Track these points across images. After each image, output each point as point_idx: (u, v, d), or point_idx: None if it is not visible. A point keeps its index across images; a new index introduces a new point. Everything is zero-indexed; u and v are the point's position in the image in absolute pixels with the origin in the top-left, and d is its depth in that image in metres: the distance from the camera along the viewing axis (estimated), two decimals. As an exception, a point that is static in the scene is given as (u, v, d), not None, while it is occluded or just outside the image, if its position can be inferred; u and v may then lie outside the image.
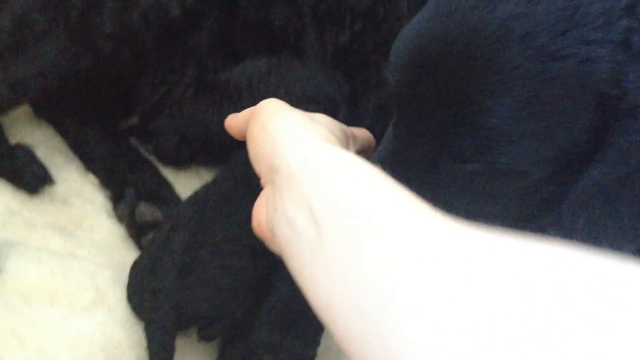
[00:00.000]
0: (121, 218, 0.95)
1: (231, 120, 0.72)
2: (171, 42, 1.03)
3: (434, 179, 0.67)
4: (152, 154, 1.08)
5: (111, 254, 0.91)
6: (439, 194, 0.66)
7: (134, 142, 1.10)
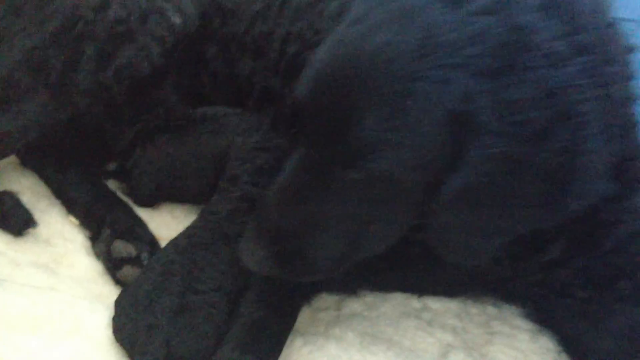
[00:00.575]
0: (98, 255, 1.05)
1: None
2: (141, 95, 1.15)
3: (327, 184, 0.79)
4: (128, 196, 1.18)
5: (89, 287, 1.00)
6: (332, 199, 0.80)
7: (113, 186, 1.21)
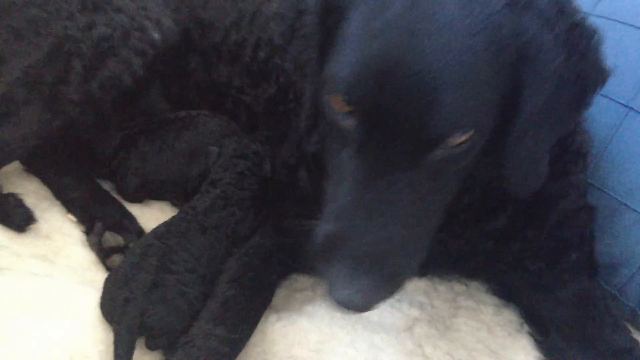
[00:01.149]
0: (91, 245, 1.18)
1: None
2: (127, 103, 1.28)
3: (410, 177, 0.79)
4: (118, 194, 1.32)
5: (83, 274, 1.12)
6: (424, 183, 0.80)
7: (107, 186, 1.34)
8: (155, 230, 1.11)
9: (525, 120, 0.83)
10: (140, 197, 1.31)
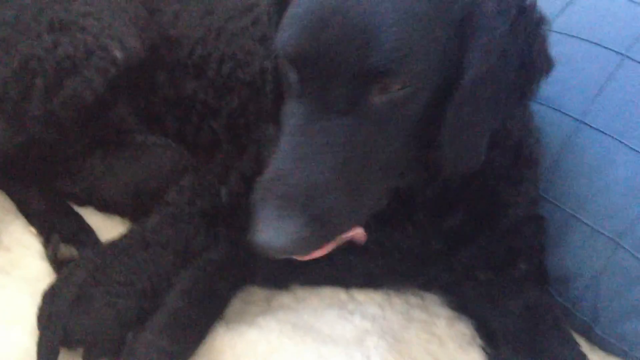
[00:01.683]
0: (48, 257, 1.21)
1: None
2: (90, 120, 1.32)
3: (348, 121, 0.80)
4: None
5: (37, 285, 1.14)
6: (362, 130, 0.81)
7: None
8: (100, 245, 1.15)
9: (466, 88, 0.82)
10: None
